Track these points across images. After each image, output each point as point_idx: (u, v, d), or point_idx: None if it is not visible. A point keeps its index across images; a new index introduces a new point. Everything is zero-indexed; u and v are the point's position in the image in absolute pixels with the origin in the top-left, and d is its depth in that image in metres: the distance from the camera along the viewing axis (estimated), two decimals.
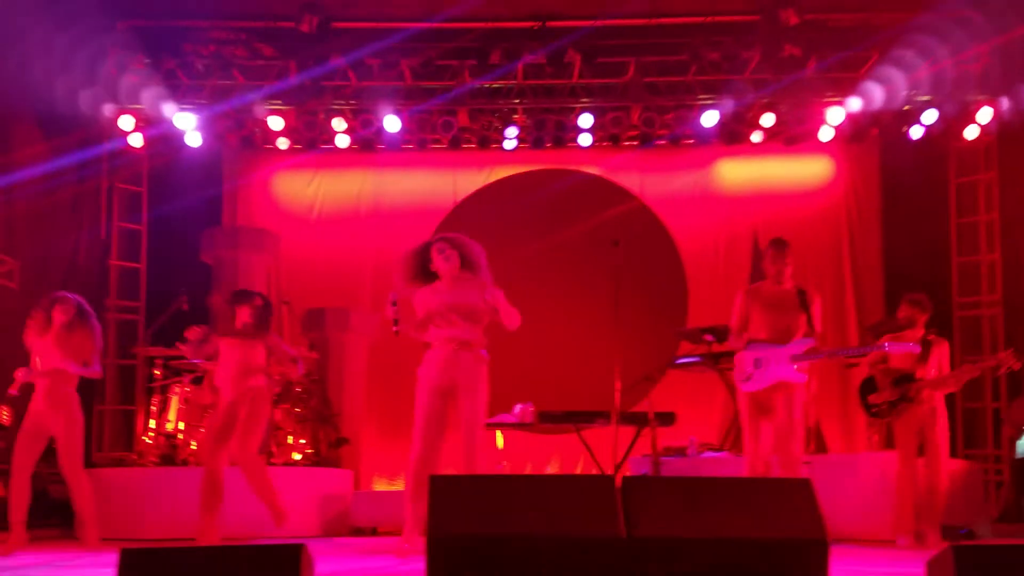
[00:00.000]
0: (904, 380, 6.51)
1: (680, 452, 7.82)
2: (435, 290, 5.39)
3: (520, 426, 7.39)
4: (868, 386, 6.76)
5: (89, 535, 6.08)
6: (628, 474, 7.24)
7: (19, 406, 6.38)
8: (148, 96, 9.53)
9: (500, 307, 5.17)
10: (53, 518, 8.12)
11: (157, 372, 8.59)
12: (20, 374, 6.07)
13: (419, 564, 3.60)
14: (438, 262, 5.38)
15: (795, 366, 5.48)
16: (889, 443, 7.45)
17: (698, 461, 7.64)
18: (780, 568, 3.21)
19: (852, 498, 6.89)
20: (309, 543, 5.75)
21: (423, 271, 5.47)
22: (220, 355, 6.15)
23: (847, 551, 5.52)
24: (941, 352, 6.62)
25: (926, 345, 6.50)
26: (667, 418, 6.98)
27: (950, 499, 6.79)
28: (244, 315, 6.09)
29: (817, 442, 8.18)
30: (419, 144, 10.49)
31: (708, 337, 8.01)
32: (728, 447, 8.09)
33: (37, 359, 6.15)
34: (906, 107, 9.68)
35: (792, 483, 3.44)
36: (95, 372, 6.26)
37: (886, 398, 6.52)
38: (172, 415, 8.12)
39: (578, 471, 9.50)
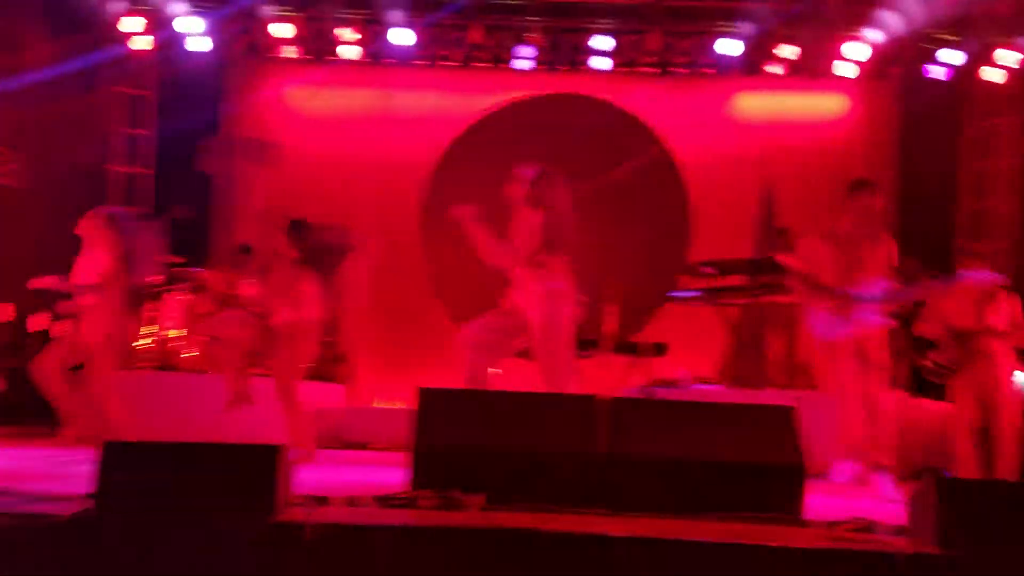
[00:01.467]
0: (965, 335, 6.21)
1: (673, 384, 7.83)
2: None
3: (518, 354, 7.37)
4: (927, 344, 6.53)
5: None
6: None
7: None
8: None
9: None
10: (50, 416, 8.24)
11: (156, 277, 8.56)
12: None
13: (398, 476, 3.62)
14: None
15: (874, 311, 5.14)
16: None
17: (690, 393, 7.64)
18: (756, 491, 3.21)
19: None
20: (300, 452, 5.81)
21: None
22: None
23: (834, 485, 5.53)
24: (1013, 305, 6.30)
25: (990, 296, 6.23)
26: (659, 349, 6.96)
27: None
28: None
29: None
30: (430, 59, 10.26)
31: (708, 271, 7.94)
32: (723, 381, 8.09)
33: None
34: (927, 46, 9.43)
35: (774, 410, 3.43)
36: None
37: (949, 355, 6.23)
38: (170, 321, 8.13)
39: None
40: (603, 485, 3.28)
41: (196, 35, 9.69)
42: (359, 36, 9.81)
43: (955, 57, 9.41)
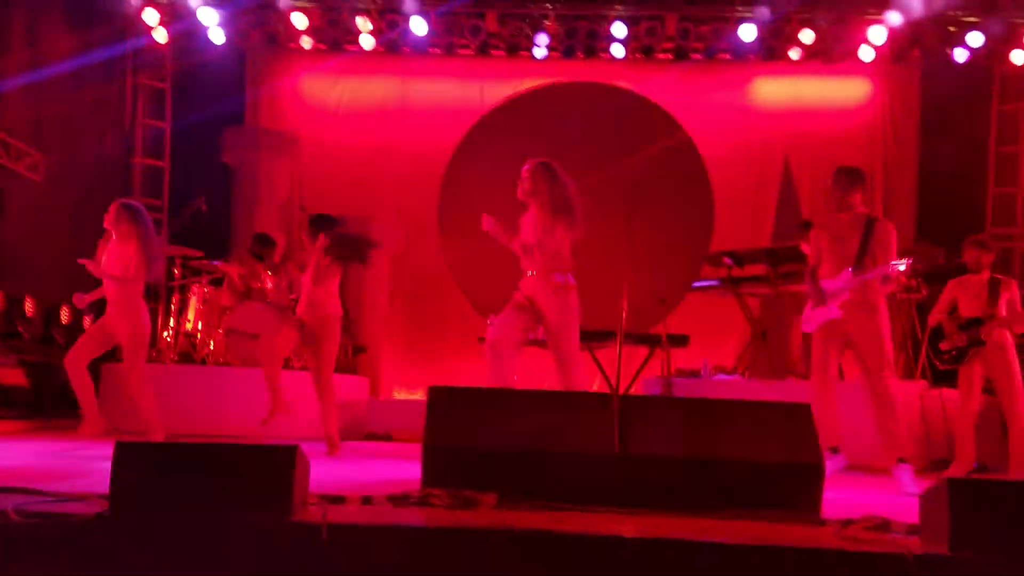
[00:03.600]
0: (972, 324, 6.30)
1: (693, 374, 7.81)
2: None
3: (533, 343, 7.37)
4: (937, 335, 6.58)
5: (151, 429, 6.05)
6: (640, 394, 7.24)
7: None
8: None
9: None
10: (77, 408, 8.34)
11: (177, 271, 8.64)
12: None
13: (416, 470, 3.63)
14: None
15: (836, 304, 5.09)
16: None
17: (710, 383, 7.62)
18: (773, 490, 3.20)
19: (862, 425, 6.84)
20: (318, 445, 5.86)
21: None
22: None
23: (856, 478, 5.51)
24: (1011, 292, 6.35)
25: (994, 284, 6.28)
26: (680, 340, 6.93)
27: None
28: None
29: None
30: (446, 49, 10.24)
31: (727, 260, 7.89)
32: (742, 370, 8.06)
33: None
34: (950, 27, 9.28)
35: (791, 407, 3.40)
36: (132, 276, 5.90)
37: (955, 344, 6.32)
38: (191, 314, 8.20)
39: (593, 391, 9.54)
40: (617, 484, 3.28)
41: (212, 26, 9.70)
42: (373, 26, 9.80)
43: (977, 39, 9.26)
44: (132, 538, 2.79)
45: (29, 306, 8.21)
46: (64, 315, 8.59)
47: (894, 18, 9.22)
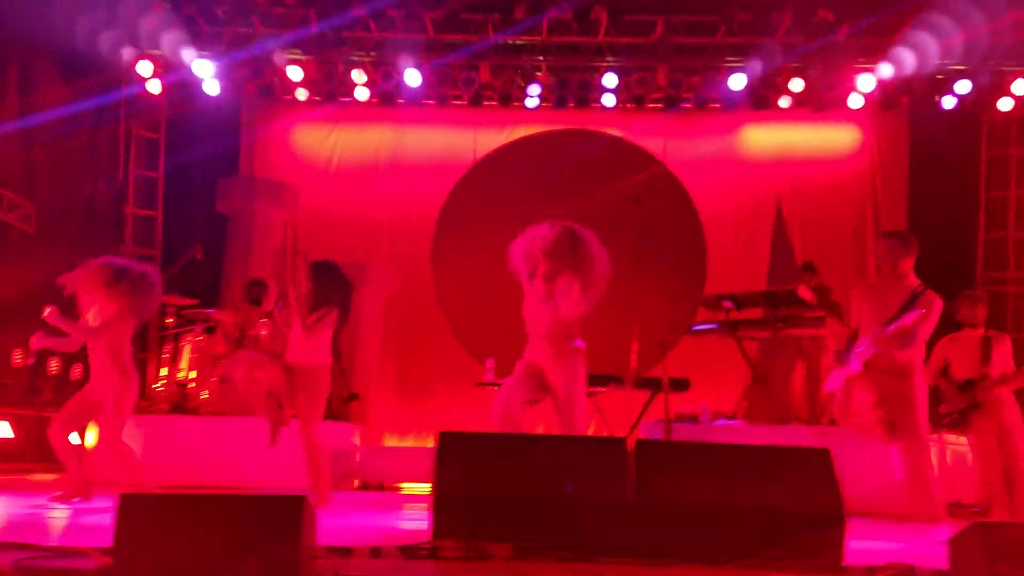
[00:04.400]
0: (969, 385, 6.31)
1: (693, 419, 7.73)
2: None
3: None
4: (934, 397, 6.57)
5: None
6: (644, 439, 7.16)
7: None
8: (167, 41, 9.41)
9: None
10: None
11: (170, 320, 8.55)
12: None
13: (423, 520, 3.54)
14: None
15: (859, 361, 5.06)
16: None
17: (710, 429, 7.54)
18: (794, 539, 3.12)
19: (876, 472, 6.76)
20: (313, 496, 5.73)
21: None
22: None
23: (871, 525, 5.43)
24: (1003, 348, 6.37)
25: (986, 342, 6.30)
26: (681, 384, 6.88)
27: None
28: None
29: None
30: (440, 100, 10.31)
31: (726, 304, 7.87)
32: (741, 415, 7.99)
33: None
34: (938, 75, 9.43)
35: (810, 452, 3.34)
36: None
37: (956, 407, 6.31)
38: (184, 363, 8.09)
39: (589, 435, 9.43)
40: (633, 533, 3.20)
41: (207, 79, 9.74)
42: (367, 78, 9.86)
43: (964, 87, 9.40)
44: None
45: (18, 358, 8.08)
46: (53, 366, 8.47)
47: (885, 70, 9.34)
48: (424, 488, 7.32)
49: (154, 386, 8.48)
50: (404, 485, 8.31)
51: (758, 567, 3.00)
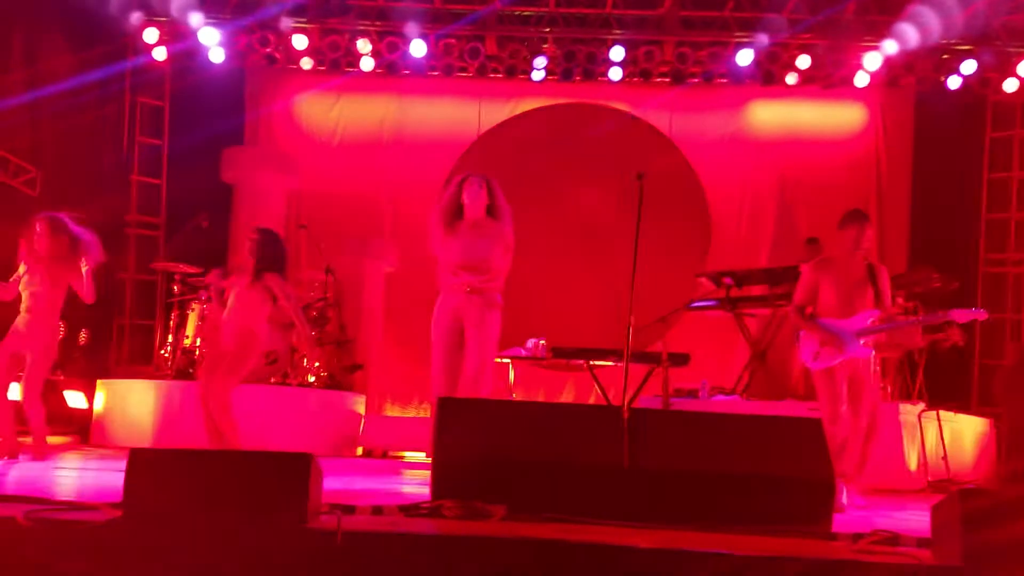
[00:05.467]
0: None
1: (692, 394, 7.82)
2: (452, 238, 5.39)
3: (532, 360, 7.40)
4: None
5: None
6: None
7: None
8: (175, 6, 9.42)
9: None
10: (71, 426, 8.30)
11: (176, 288, 8.63)
12: None
13: (424, 486, 3.63)
14: (467, 198, 5.41)
15: (861, 341, 5.22)
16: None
17: (709, 403, 7.64)
18: (785, 505, 3.21)
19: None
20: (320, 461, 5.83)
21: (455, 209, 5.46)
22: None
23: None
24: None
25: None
26: (680, 359, 6.95)
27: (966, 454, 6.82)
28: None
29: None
30: (445, 70, 10.30)
31: (727, 280, 7.93)
32: (740, 391, 8.08)
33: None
34: (944, 55, 9.41)
35: (801, 422, 3.42)
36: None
37: None
38: (189, 330, 8.18)
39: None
40: (627, 497, 3.28)
41: (212, 46, 9.75)
42: (372, 48, 9.86)
43: (970, 67, 9.39)
44: (146, 544, 2.77)
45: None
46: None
47: (890, 47, 9.33)
48: (425, 457, 7.42)
49: (160, 352, 8.58)
50: (406, 453, 8.43)
51: (749, 532, 3.09)
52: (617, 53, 9.77)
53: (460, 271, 5.29)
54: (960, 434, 7.63)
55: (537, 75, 10.17)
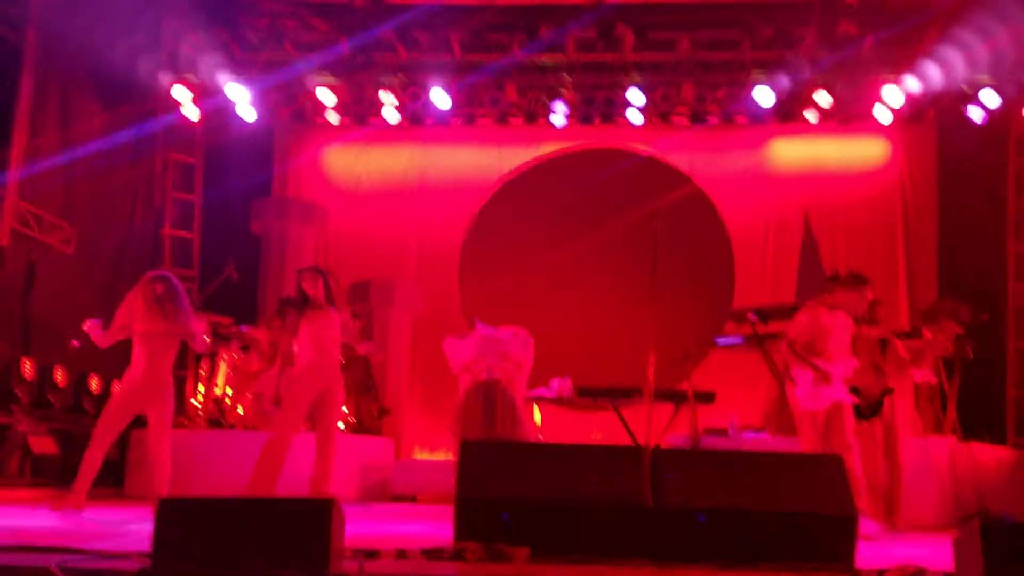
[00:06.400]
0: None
1: (721, 432, 7.78)
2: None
3: (557, 401, 7.41)
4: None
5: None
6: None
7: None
8: (203, 66, 9.70)
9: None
10: (108, 477, 8.40)
11: (207, 339, 8.75)
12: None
13: (445, 529, 3.66)
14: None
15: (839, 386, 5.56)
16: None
17: (739, 441, 7.59)
18: (808, 542, 3.20)
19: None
20: (348, 507, 5.87)
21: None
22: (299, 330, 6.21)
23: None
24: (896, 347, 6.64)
25: (883, 342, 6.53)
26: (706, 397, 6.93)
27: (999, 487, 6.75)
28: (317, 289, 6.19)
29: None
30: (466, 118, 10.49)
31: (752, 317, 7.92)
32: (769, 428, 8.01)
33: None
34: (965, 88, 9.42)
35: (822, 459, 3.42)
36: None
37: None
38: (220, 380, 8.30)
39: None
40: (650, 537, 3.29)
41: (240, 103, 10.00)
42: (395, 99, 10.06)
43: (992, 99, 9.39)
44: None
45: (60, 376, 8.33)
46: (94, 384, 8.72)
47: (913, 84, 9.36)
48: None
49: (191, 401, 8.69)
50: (434, 497, 8.43)
51: (772, 569, 3.07)
52: (636, 96, 9.88)
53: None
54: (993, 468, 7.50)
55: (557, 120, 10.29)
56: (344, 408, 8.56)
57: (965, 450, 6.99)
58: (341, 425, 8.51)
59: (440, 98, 9.89)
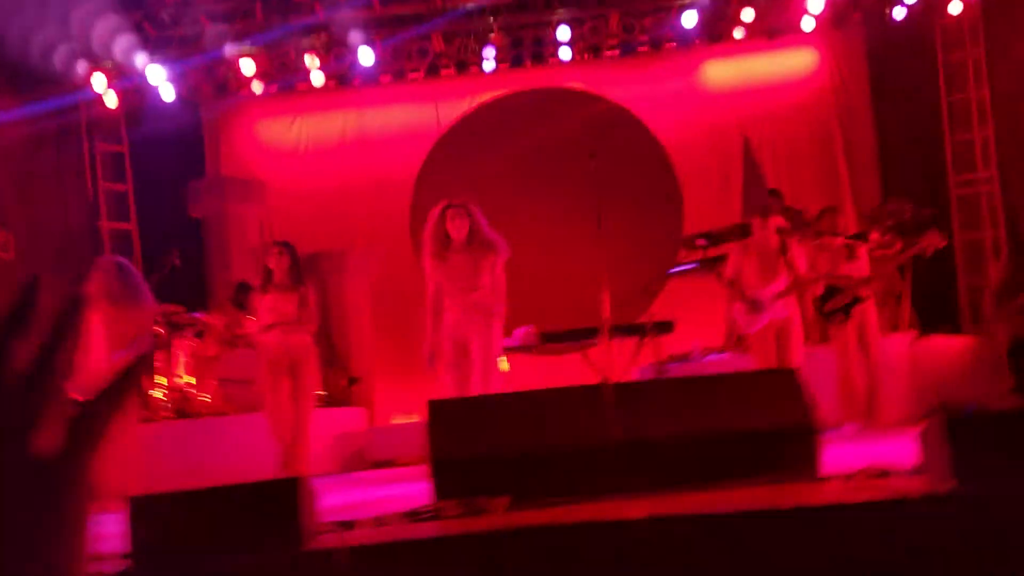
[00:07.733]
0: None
1: (685, 358, 7.87)
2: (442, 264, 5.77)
3: (523, 349, 7.44)
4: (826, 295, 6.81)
5: None
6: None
7: None
8: (119, 51, 9.37)
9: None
10: None
11: (161, 329, 8.61)
12: None
13: (426, 488, 3.66)
14: (451, 229, 5.72)
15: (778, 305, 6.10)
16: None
17: (703, 365, 7.69)
18: (771, 457, 3.25)
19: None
20: (327, 480, 5.87)
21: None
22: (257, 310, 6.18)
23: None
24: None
25: (850, 248, 6.83)
26: (665, 326, 7.00)
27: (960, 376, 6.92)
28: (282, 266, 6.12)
29: None
30: (396, 74, 10.30)
31: (700, 242, 7.98)
32: (731, 348, 8.13)
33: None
34: None
35: (778, 374, 3.47)
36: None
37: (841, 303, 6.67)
38: (180, 369, 8.18)
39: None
40: (621, 470, 3.33)
41: (161, 84, 9.71)
42: (320, 62, 9.84)
43: None
44: None
45: None
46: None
47: None
48: None
49: (152, 393, 8.57)
50: (413, 459, 8.45)
51: (739, 487, 3.13)
52: (563, 33, 9.77)
53: (456, 293, 5.61)
54: (955, 358, 7.69)
55: (488, 66, 10.15)
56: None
57: (924, 344, 7.15)
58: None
59: (366, 55, 9.69)
